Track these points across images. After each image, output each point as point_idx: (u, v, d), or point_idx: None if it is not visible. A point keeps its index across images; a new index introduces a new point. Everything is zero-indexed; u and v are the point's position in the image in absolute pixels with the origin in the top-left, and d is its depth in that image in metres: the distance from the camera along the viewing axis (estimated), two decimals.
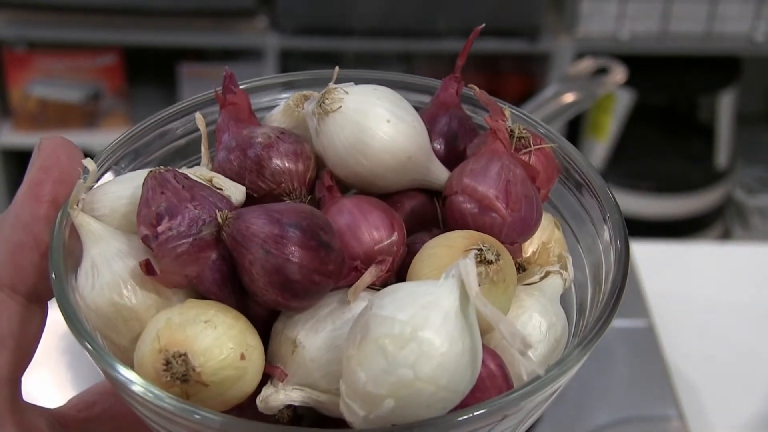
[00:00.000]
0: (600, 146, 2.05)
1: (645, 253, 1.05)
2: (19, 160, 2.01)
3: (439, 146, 0.41)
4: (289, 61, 1.92)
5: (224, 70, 0.41)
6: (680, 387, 0.88)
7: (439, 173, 0.39)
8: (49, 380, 0.76)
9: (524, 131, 0.39)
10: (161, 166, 0.36)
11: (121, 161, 0.40)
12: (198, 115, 0.41)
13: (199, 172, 0.37)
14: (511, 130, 0.38)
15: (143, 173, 0.36)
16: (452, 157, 0.40)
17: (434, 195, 0.40)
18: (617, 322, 0.94)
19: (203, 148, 0.41)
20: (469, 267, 0.31)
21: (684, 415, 0.84)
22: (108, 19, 1.86)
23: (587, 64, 0.98)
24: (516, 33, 1.90)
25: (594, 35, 1.93)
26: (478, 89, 0.40)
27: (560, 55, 1.91)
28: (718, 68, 2.06)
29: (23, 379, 0.38)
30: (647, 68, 1.97)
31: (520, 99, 1.91)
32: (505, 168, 0.37)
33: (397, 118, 0.38)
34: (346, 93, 0.38)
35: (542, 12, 1.90)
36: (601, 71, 0.98)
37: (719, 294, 1.02)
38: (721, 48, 1.98)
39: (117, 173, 0.40)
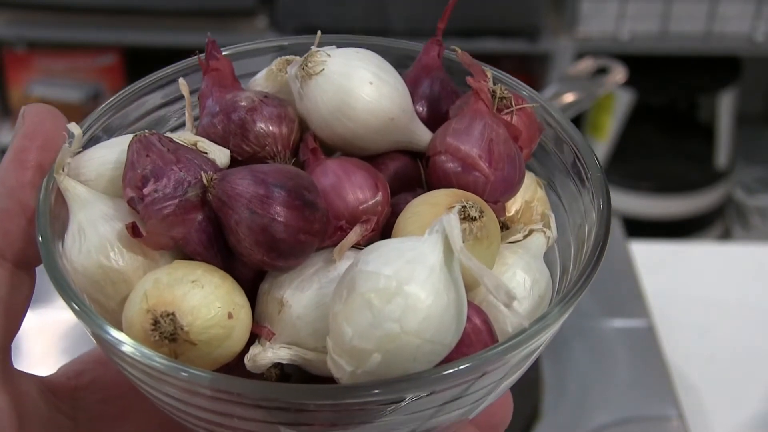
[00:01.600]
0: (600, 146, 2.05)
1: (645, 253, 1.05)
2: None
3: (421, 108, 0.41)
4: None
5: (206, 36, 0.41)
6: (680, 387, 0.88)
7: (422, 134, 0.40)
8: None
9: (506, 92, 0.39)
10: (146, 130, 0.36)
11: (104, 129, 0.40)
12: (181, 80, 0.41)
13: (184, 137, 0.38)
14: (493, 91, 0.39)
15: (128, 138, 0.36)
16: (435, 119, 0.40)
17: (418, 156, 0.40)
18: (617, 322, 0.94)
19: (187, 113, 0.41)
20: (453, 222, 0.31)
21: (684, 415, 0.84)
22: (108, 19, 1.85)
23: (587, 64, 0.98)
24: (516, 33, 1.90)
25: (594, 35, 1.94)
26: (459, 51, 0.41)
27: (560, 55, 1.91)
28: (718, 68, 2.06)
29: None
30: (647, 68, 1.97)
31: None
32: (488, 127, 0.37)
33: (380, 80, 0.38)
34: (329, 56, 0.38)
35: (542, 12, 1.90)
36: (601, 71, 0.98)
37: (719, 294, 1.03)
38: (721, 48, 1.98)
39: (100, 141, 0.40)
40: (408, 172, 0.40)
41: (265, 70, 0.42)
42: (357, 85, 0.38)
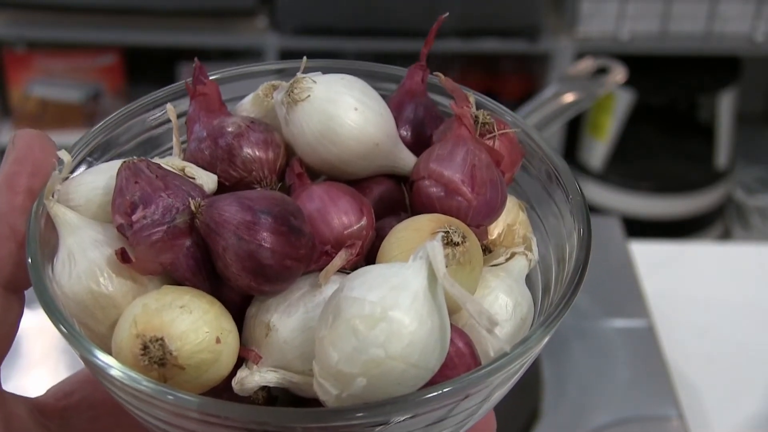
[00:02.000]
0: (600, 146, 2.05)
1: (645, 253, 1.05)
2: None
3: (405, 133, 0.42)
4: None
5: (194, 62, 0.42)
6: (680, 387, 0.88)
7: (407, 159, 0.40)
8: (49, 381, 0.76)
9: (488, 117, 0.40)
10: (135, 157, 0.37)
11: (94, 152, 0.41)
12: (169, 105, 0.42)
13: (172, 162, 0.38)
14: (476, 116, 0.39)
15: (117, 164, 0.36)
16: (419, 144, 0.41)
17: (402, 180, 0.41)
18: (617, 322, 0.94)
19: (174, 138, 0.42)
20: (436, 248, 0.32)
21: (684, 415, 0.84)
22: (108, 19, 1.86)
23: (587, 64, 0.98)
24: (516, 33, 1.90)
25: (594, 35, 1.94)
26: (443, 76, 0.41)
27: (560, 55, 1.91)
28: (718, 68, 2.06)
29: (21, 379, 0.38)
30: (647, 68, 1.98)
31: (520, 99, 1.91)
32: (471, 153, 0.38)
33: (365, 106, 0.39)
34: (314, 82, 0.39)
35: (542, 12, 1.90)
36: (601, 71, 0.98)
37: (719, 294, 1.02)
38: (721, 48, 1.98)
39: (90, 165, 0.40)
40: (392, 196, 0.40)
41: (251, 95, 0.42)
42: (342, 111, 0.38)
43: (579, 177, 2.06)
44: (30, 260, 0.35)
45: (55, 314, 0.34)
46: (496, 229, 0.40)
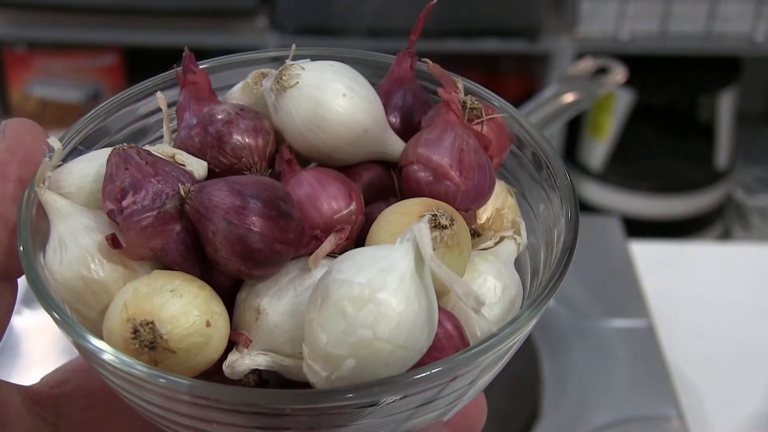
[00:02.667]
0: (600, 146, 2.05)
1: (645, 253, 1.05)
2: None
3: (394, 119, 0.42)
4: None
5: (184, 50, 0.42)
6: (680, 387, 0.88)
7: (395, 145, 0.41)
8: None
9: (476, 102, 0.40)
10: (125, 144, 0.37)
11: (85, 141, 0.41)
12: (159, 94, 0.42)
13: (162, 149, 0.39)
14: (464, 102, 0.40)
15: (108, 151, 0.37)
16: (407, 130, 0.41)
17: (391, 166, 0.41)
18: (617, 322, 0.94)
19: (165, 126, 0.42)
20: (423, 230, 0.32)
21: (684, 415, 0.84)
22: (108, 19, 1.86)
23: (587, 64, 0.98)
24: (516, 33, 1.90)
25: (594, 35, 1.93)
26: (431, 63, 0.42)
27: (560, 55, 1.91)
28: (718, 68, 2.06)
29: (22, 378, 0.38)
30: (647, 68, 1.97)
31: (520, 99, 1.91)
32: (459, 138, 0.38)
33: (353, 93, 0.39)
34: (303, 69, 0.39)
35: (542, 12, 1.90)
36: (601, 71, 0.98)
37: (719, 294, 1.02)
38: (721, 48, 1.98)
39: (81, 153, 0.40)
40: (381, 182, 0.41)
41: (241, 83, 0.43)
42: (330, 97, 0.39)
43: (579, 177, 2.06)
44: (22, 248, 0.36)
45: (47, 300, 0.34)
46: (484, 214, 0.41)
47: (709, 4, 1.91)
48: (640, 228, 1.83)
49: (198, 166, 0.38)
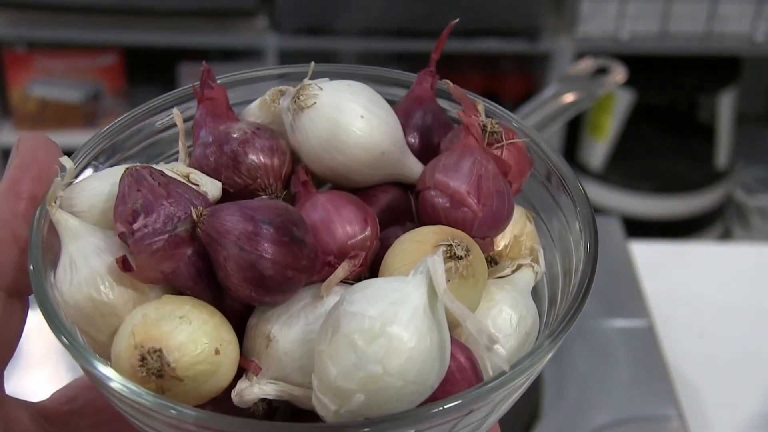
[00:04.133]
0: (600, 146, 2.05)
1: (645, 253, 1.05)
2: None
3: (413, 140, 0.41)
4: (288, 61, 1.92)
5: (202, 65, 0.41)
6: (680, 387, 0.88)
7: (413, 167, 0.40)
8: (49, 381, 0.76)
9: (497, 126, 0.39)
10: (138, 164, 0.36)
11: (100, 156, 0.40)
12: (175, 110, 0.42)
13: (176, 168, 0.38)
14: (484, 125, 0.39)
15: (121, 169, 0.36)
16: (426, 151, 0.41)
17: (408, 188, 0.40)
18: (617, 322, 0.94)
19: (180, 144, 0.41)
20: (437, 263, 0.32)
21: (684, 415, 0.84)
22: (108, 19, 1.86)
23: (587, 64, 0.98)
24: (516, 33, 1.90)
25: (594, 35, 1.93)
26: (451, 84, 0.41)
27: (560, 55, 1.91)
28: (718, 68, 2.06)
29: (21, 378, 0.38)
30: (647, 68, 1.97)
31: (520, 99, 1.91)
32: (477, 163, 0.37)
33: (371, 114, 0.38)
34: (321, 89, 0.38)
35: (542, 12, 1.90)
36: (601, 71, 0.98)
37: (719, 294, 1.02)
38: (721, 48, 1.98)
39: (96, 168, 0.40)
40: (398, 205, 0.40)
41: (258, 99, 0.42)
42: (348, 118, 0.38)
43: (579, 177, 2.06)
44: (32, 267, 0.35)
45: (55, 323, 0.34)
46: (502, 241, 0.40)
47: (709, 4, 1.91)
48: (640, 228, 1.83)
49: (212, 187, 0.38)
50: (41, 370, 0.43)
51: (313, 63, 0.41)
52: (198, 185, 0.37)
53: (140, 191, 0.35)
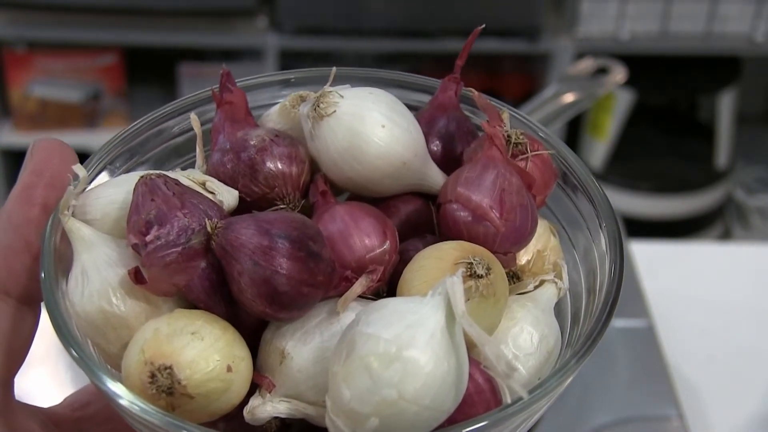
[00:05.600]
0: (600, 146, 2.05)
1: (645, 253, 1.05)
2: (19, 160, 2.00)
3: (436, 148, 0.40)
4: (289, 61, 1.92)
5: (222, 68, 0.40)
6: (680, 387, 0.88)
7: (435, 177, 0.39)
8: (49, 379, 0.76)
9: (521, 136, 0.38)
10: (152, 172, 0.35)
11: (116, 160, 0.40)
12: (193, 115, 0.41)
13: (193, 175, 0.37)
14: (508, 136, 0.38)
15: (136, 176, 0.35)
16: (449, 160, 0.40)
17: (430, 199, 0.39)
18: (617, 322, 0.93)
19: (198, 149, 0.40)
20: (456, 285, 0.31)
21: (684, 415, 0.84)
22: (108, 19, 1.86)
23: (587, 64, 0.97)
24: (516, 33, 1.90)
25: (594, 35, 1.93)
26: (476, 92, 0.40)
27: (560, 55, 1.91)
28: (718, 68, 2.06)
29: (21, 378, 0.38)
30: (647, 68, 1.97)
31: (520, 99, 1.91)
32: (500, 176, 0.36)
33: (393, 123, 0.37)
34: (341, 97, 0.37)
35: (542, 12, 1.90)
36: (601, 71, 0.98)
37: (719, 294, 1.02)
38: (721, 48, 1.98)
39: (112, 172, 0.39)
40: (419, 216, 0.39)
41: (278, 104, 0.41)
42: (369, 128, 0.37)
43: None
44: (43, 276, 0.35)
45: (65, 336, 0.33)
46: (525, 255, 0.39)
47: (709, 4, 1.91)
48: (640, 228, 1.83)
49: (228, 196, 0.37)
50: (41, 369, 0.42)
51: (334, 69, 0.40)
52: (214, 194, 0.36)
53: (154, 201, 0.34)
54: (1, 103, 1.95)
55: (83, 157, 0.39)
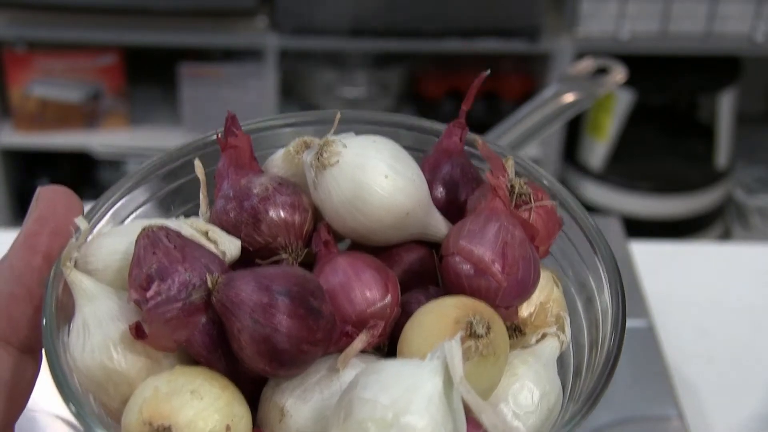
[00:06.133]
0: (600, 146, 2.04)
1: (645, 253, 1.04)
2: (19, 160, 2.01)
3: (440, 195, 0.40)
4: (289, 61, 1.92)
5: (227, 113, 0.40)
6: (680, 387, 0.87)
7: (439, 226, 0.39)
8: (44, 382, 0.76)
9: (525, 186, 0.38)
10: (154, 223, 0.35)
11: (121, 207, 0.40)
12: (197, 162, 0.41)
13: (196, 224, 0.37)
14: (512, 186, 0.38)
15: (139, 225, 0.35)
16: (453, 206, 0.40)
17: (434, 247, 0.39)
18: None
19: (202, 196, 0.40)
20: (454, 350, 0.31)
21: (684, 415, 0.84)
22: (108, 19, 1.85)
23: (587, 64, 0.97)
24: (516, 33, 1.89)
25: (594, 35, 1.93)
26: (480, 141, 0.40)
27: (560, 55, 1.91)
28: (718, 68, 2.06)
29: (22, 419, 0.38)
30: (647, 68, 1.97)
31: (520, 99, 1.91)
32: (503, 229, 0.36)
33: (396, 173, 0.37)
34: (344, 146, 0.37)
35: (542, 12, 1.90)
36: (601, 71, 0.97)
37: (719, 294, 1.02)
38: (721, 48, 1.97)
39: (116, 217, 0.40)
40: (422, 266, 0.39)
41: (282, 150, 0.41)
42: (371, 178, 0.37)
43: (579, 177, 2.06)
44: (44, 328, 0.35)
45: (65, 391, 0.33)
46: (527, 308, 0.38)
47: (709, 4, 1.91)
48: (640, 228, 1.83)
49: (231, 246, 0.37)
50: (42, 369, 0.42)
51: (339, 113, 0.40)
52: (217, 243, 0.37)
53: (155, 254, 0.34)
54: (1, 103, 1.95)
55: (83, 156, 0.39)
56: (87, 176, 2.00)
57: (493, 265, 0.36)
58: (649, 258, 1.04)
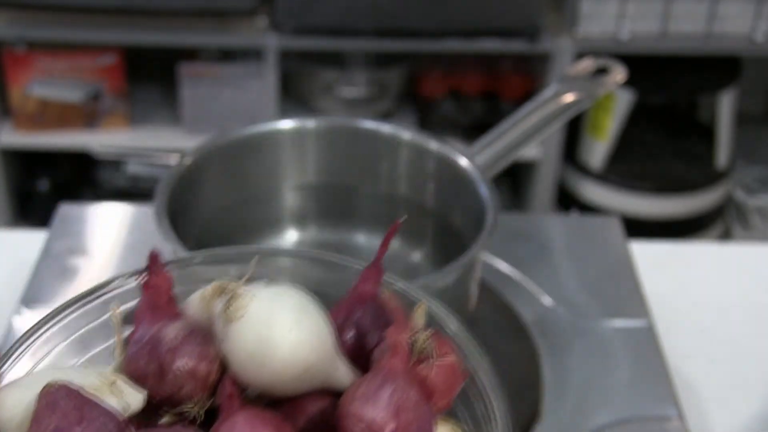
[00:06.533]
0: (600, 146, 2.04)
1: (645, 253, 1.04)
2: (19, 160, 2.00)
3: (349, 340, 0.41)
4: (289, 61, 1.92)
5: (150, 251, 0.41)
6: (680, 387, 0.87)
7: (343, 377, 0.40)
8: None
9: (428, 341, 0.39)
10: (57, 380, 0.36)
11: (40, 346, 0.41)
12: (112, 308, 0.42)
13: (104, 374, 0.38)
14: (414, 342, 0.39)
15: (46, 377, 0.36)
16: (362, 353, 0.41)
17: (339, 395, 0.40)
18: (617, 322, 0.93)
19: (116, 340, 0.41)
20: None
21: (684, 415, 0.84)
22: (108, 19, 1.85)
23: (587, 64, 0.97)
24: (516, 33, 1.89)
25: (594, 35, 1.93)
26: (388, 293, 0.41)
27: (560, 55, 1.91)
28: (718, 68, 2.06)
29: None
30: (647, 68, 1.97)
31: (520, 99, 1.91)
32: (399, 390, 0.37)
33: (300, 328, 0.38)
34: (252, 298, 0.39)
35: (542, 12, 1.89)
36: (601, 71, 0.97)
37: (719, 294, 1.02)
38: (721, 48, 1.97)
39: (35, 354, 0.40)
40: (324, 416, 0.40)
41: (199, 291, 0.42)
42: (276, 333, 0.38)
43: (579, 177, 2.06)
44: None
45: None
46: None
47: (709, 4, 1.91)
48: (640, 228, 1.83)
49: (134, 399, 0.38)
50: None
51: (256, 257, 0.41)
52: (122, 394, 0.38)
53: (54, 415, 0.35)
54: (1, 103, 1.95)
55: (83, 156, 0.39)
56: (87, 176, 1.99)
57: (386, 428, 0.36)
58: (649, 258, 1.04)
